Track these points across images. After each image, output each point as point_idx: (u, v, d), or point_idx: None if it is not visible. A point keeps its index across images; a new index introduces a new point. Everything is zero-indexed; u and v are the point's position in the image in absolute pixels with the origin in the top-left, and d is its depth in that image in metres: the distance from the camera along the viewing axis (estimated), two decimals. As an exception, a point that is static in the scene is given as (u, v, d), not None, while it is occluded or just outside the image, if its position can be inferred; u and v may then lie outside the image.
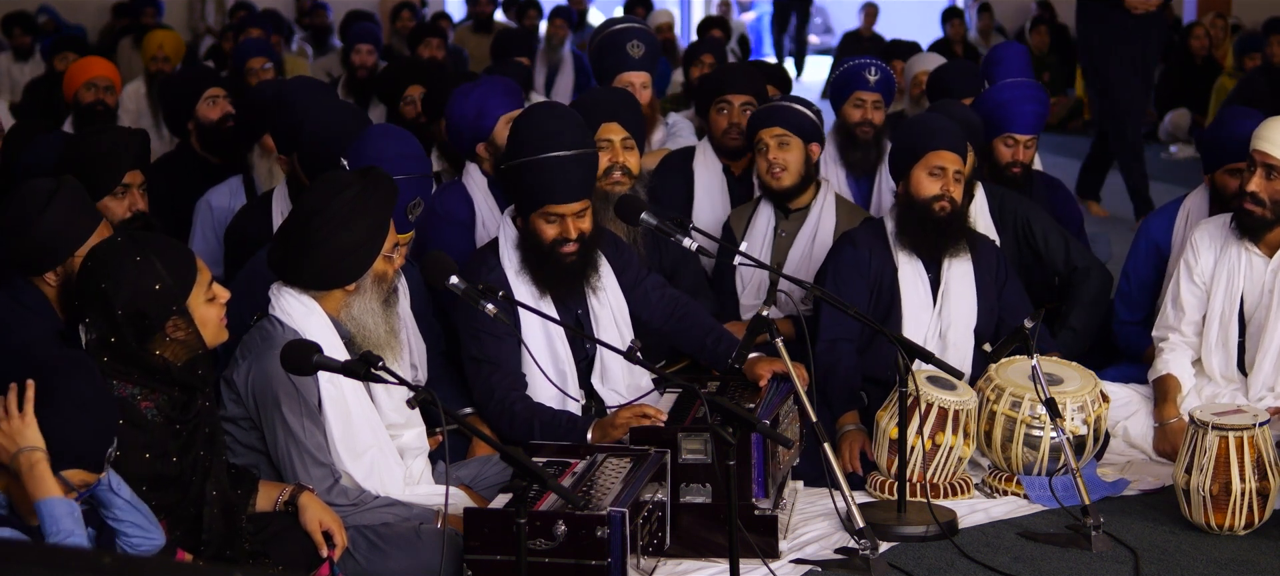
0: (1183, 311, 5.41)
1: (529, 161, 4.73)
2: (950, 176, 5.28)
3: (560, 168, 4.72)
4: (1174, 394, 5.35)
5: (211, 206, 6.07)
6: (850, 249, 5.39)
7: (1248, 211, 5.21)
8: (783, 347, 4.58)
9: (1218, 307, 5.33)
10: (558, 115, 4.89)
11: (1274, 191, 5.16)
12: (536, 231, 4.81)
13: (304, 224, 4.20)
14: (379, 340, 4.25)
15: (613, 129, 5.36)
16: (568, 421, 4.70)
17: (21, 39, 13.09)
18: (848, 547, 4.48)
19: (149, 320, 3.71)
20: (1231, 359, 5.34)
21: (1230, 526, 4.68)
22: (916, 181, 5.30)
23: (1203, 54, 14.30)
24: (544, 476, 3.62)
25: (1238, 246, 5.29)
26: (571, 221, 4.78)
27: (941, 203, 5.27)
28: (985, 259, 5.44)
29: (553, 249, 4.80)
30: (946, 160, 5.28)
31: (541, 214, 4.78)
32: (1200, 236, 5.41)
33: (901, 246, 5.34)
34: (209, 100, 6.69)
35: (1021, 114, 6.14)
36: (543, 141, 4.73)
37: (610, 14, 17.84)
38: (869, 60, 6.93)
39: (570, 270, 4.84)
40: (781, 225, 5.85)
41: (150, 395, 3.74)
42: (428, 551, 4.07)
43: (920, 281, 5.35)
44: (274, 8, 14.78)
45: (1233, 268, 5.31)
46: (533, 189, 4.77)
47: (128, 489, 3.51)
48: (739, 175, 6.31)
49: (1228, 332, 5.33)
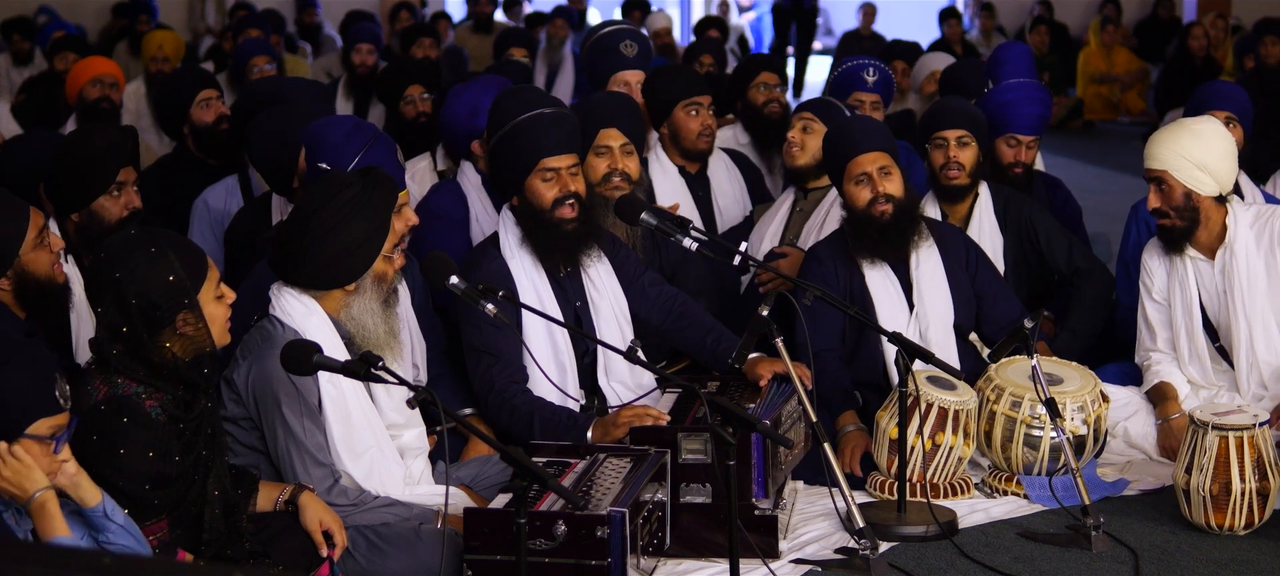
0: (1155, 332, 5.43)
1: (515, 125, 4.87)
2: (876, 176, 5.22)
3: (546, 123, 4.87)
4: (1173, 395, 5.35)
5: (208, 206, 6.07)
6: (816, 265, 5.37)
7: (1164, 228, 5.26)
8: (783, 347, 4.58)
9: (1180, 322, 5.35)
10: (531, 89, 5.13)
11: (1172, 199, 5.19)
12: (534, 197, 4.87)
13: (303, 224, 4.21)
14: (379, 340, 4.26)
15: (612, 135, 5.35)
16: (568, 418, 4.70)
17: (21, 44, 13.10)
18: (848, 547, 4.48)
19: (161, 311, 3.73)
20: (1206, 367, 5.35)
21: (1230, 526, 4.68)
22: (849, 194, 5.29)
23: (1202, 54, 14.30)
24: (544, 476, 3.62)
25: (1181, 259, 5.31)
26: (566, 176, 4.86)
27: (879, 205, 5.23)
28: (952, 248, 5.40)
29: (553, 213, 4.84)
30: (866, 163, 5.24)
31: (537, 175, 4.85)
32: (1148, 258, 5.43)
33: (863, 256, 5.31)
34: (202, 103, 6.68)
35: (1024, 115, 6.14)
36: (524, 107, 4.92)
37: (610, 14, 17.86)
38: (867, 61, 6.95)
39: (572, 237, 4.89)
40: (800, 204, 5.97)
41: (155, 394, 3.75)
42: (428, 551, 4.07)
43: (891, 285, 5.31)
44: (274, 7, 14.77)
45: (1182, 279, 5.32)
46: (523, 151, 4.85)
47: (122, 514, 3.54)
48: (696, 174, 6.29)
49: (1196, 344, 5.34)
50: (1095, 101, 15.50)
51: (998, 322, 5.30)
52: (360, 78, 10.22)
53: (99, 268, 3.79)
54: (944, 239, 5.40)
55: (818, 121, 5.91)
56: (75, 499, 3.47)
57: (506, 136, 4.88)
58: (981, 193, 5.85)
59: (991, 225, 5.81)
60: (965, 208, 5.82)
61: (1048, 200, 6.29)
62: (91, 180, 4.92)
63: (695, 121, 6.21)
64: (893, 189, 5.23)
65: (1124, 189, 9.95)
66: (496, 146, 4.94)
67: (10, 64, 13.09)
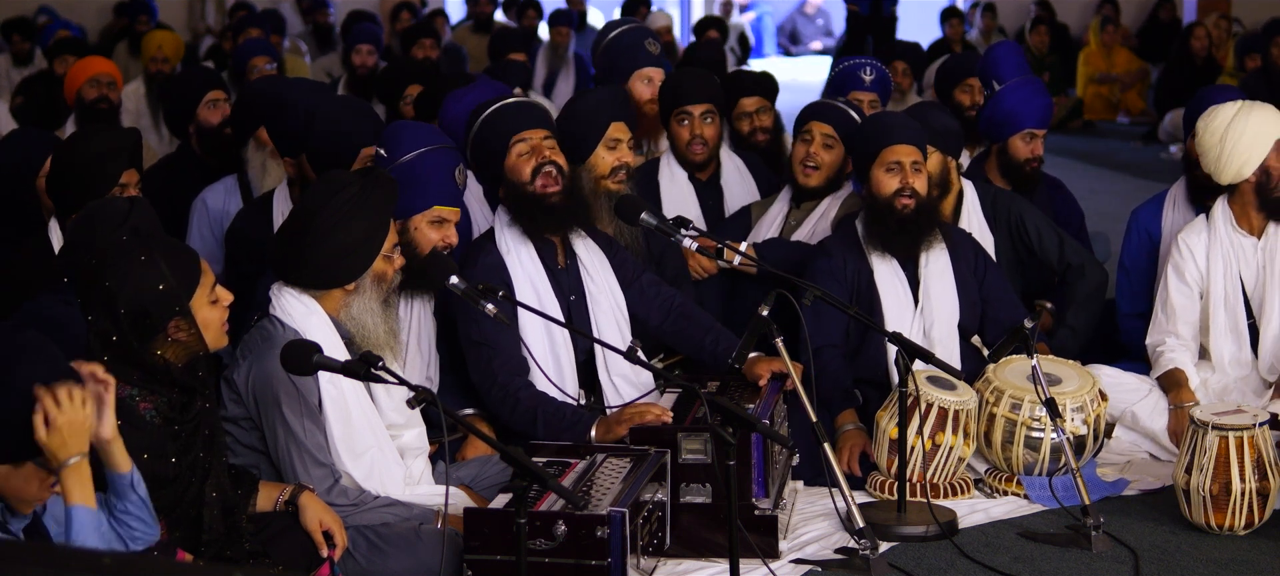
0: (1175, 314, 5.44)
1: (485, 117, 5.04)
2: (908, 169, 5.25)
3: (513, 107, 5.08)
4: (1185, 381, 5.38)
5: (207, 205, 6.06)
6: (825, 259, 5.36)
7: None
8: (782, 347, 4.58)
9: (1219, 293, 5.41)
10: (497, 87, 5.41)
11: None
12: (515, 174, 4.95)
13: (304, 223, 4.21)
14: (379, 340, 4.26)
15: (621, 129, 5.35)
16: (572, 415, 4.70)
17: (21, 45, 13.10)
18: (848, 547, 4.48)
19: (151, 319, 3.71)
20: (1243, 341, 5.42)
21: (1230, 526, 4.68)
22: (876, 180, 5.28)
23: (1203, 54, 14.29)
24: (544, 476, 3.62)
25: (1226, 232, 5.40)
26: (541, 145, 4.96)
27: (904, 198, 5.24)
28: (961, 251, 5.42)
29: (535, 185, 4.91)
30: (902, 154, 5.26)
31: (512, 151, 4.95)
32: (1187, 237, 5.47)
33: (874, 248, 5.31)
34: (210, 104, 6.68)
35: (1034, 108, 6.18)
36: (491, 101, 5.12)
37: (610, 15, 17.83)
38: (865, 60, 6.93)
39: (558, 210, 4.93)
40: (792, 214, 5.87)
41: (149, 396, 3.74)
42: (428, 551, 4.07)
43: (898, 281, 5.32)
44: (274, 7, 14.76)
45: (1227, 252, 5.41)
46: (496, 134, 4.98)
47: (144, 488, 3.50)
48: (706, 181, 6.23)
49: (1235, 316, 5.41)
50: (1095, 101, 15.49)
51: (1001, 326, 5.30)
52: (360, 78, 10.22)
53: (89, 275, 3.76)
54: (954, 241, 5.41)
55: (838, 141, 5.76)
56: (107, 463, 3.41)
57: (480, 129, 5.05)
58: (968, 192, 5.84)
59: (981, 225, 5.80)
60: (950, 208, 5.80)
61: (1050, 201, 6.30)
62: (93, 182, 4.91)
63: (684, 131, 6.12)
64: (919, 186, 5.26)
65: (1124, 189, 9.96)
66: (474, 141, 5.06)
67: (10, 64, 13.09)
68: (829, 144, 5.78)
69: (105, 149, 4.98)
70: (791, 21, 23.53)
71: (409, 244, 4.65)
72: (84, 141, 5.06)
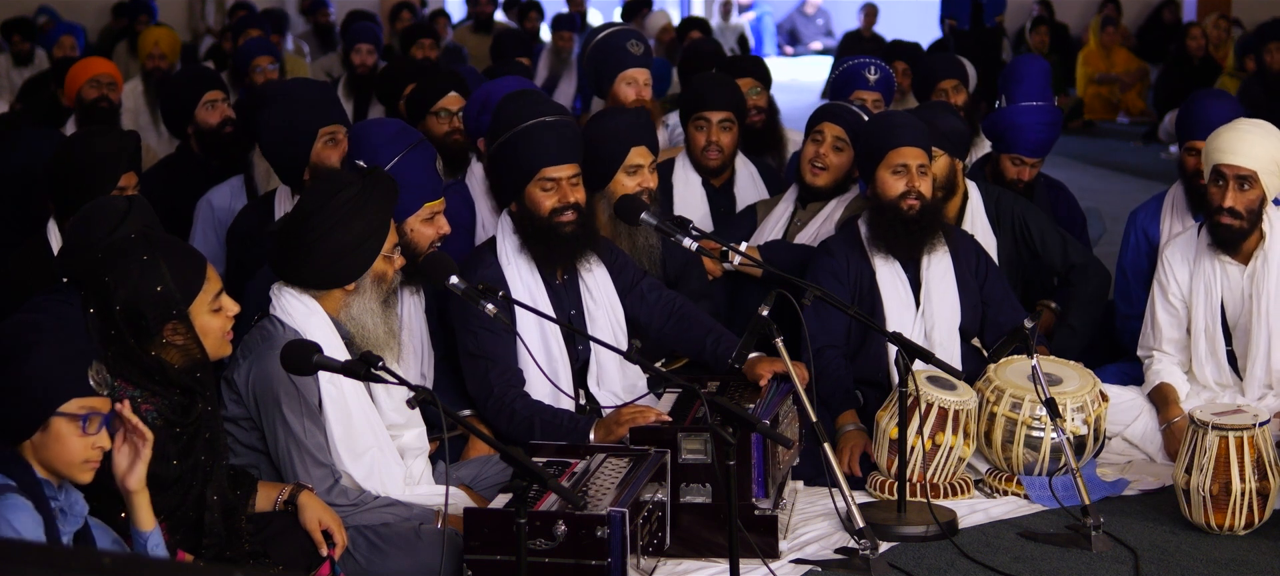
0: (1161, 331, 5.41)
1: (517, 132, 4.84)
2: (914, 171, 5.24)
3: (548, 132, 4.83)
4: (1175, 397, 5.35)
5: (212, 206, 6.07)
6: (827, 259, 5.36)
7: (1226, 226, 5.16)
8: (783, 347, 4.58)
9: (1201, 322, 5.32)
10: (534, 94, 5.08)
11: (1249, 201, 5.12)
12: (533, 205, 4.85)
13: (303, 223, 4.21)
14: (379, 340, 4.26)
15: (643, 153, 5.24)
16: (569, 421, 4.70)
17: (21, 45, 13.10)
18: (848, 547, 4.48)
19: (145, 321, 3.70)
20: (1222, 367, 5.34)
21: (1230, 526, 4.68)
22: (882, 182, 5.28)
23: (1199, 54, 14.29)
24: (544, 476, 3.62)
25: (1210, 259, 5.28)
26: (566, 186, 4.84)
27: (909, 200, 5.24)
28: (964, 253, 5.41)
29: (552, 220, 4.83)
30: (908, 156, 5.25)
31: (536, 183, 4.83)
32: (1171, 255, 5.39)
33: (877, 249, 5.31)
34: (208, 104, 6.68)
35: (1031, 140, 6.10)
36: (526, 113, 4.87)
37: (610, 16, 17.85)
38: (869, 60, 6.93)
39: (571, 239, 4.87)
40: (798, 215, 5.86)
41: (151, 398, 3.74)
42: (428, 551, 4.07)
43: (900, 282, 5.32)
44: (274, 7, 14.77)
45: (1208, 280, 5.29)
46: (524, 159, 4.83)
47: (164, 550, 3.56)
48: (720, 187, 6.23)
49: (1214, 344, 5.33)
50: (1095, 101, 15.51)
51: (1001, 329, 5.30)
52: (360, 78, 10.21)
53: (91, 270, 3.76)
54: (956, 243, 5.41)
55: (849, 145, 5.75)
56: (131, 517, 3.48)
57: (507, 143, 4.87)
58: (972, 194, 5.84)
59: (984, 226, 5.80)
60: (955, 210, 5.81)
61: (1050, 203, 6.29)
62: (92, 184, 4.91)
63: (701, 136, 6.12)
64: (925, 188, 5.26)
65: (1124, 189, 9.96)
66: (497, 152, 4.92)
67: (10, 64, 13.09)
68: (839, 146, 5.77)
69: (105, 151, 4.98)
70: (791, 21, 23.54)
71: (407, 244, 4.64)
72: (83, 143, 5.06)
